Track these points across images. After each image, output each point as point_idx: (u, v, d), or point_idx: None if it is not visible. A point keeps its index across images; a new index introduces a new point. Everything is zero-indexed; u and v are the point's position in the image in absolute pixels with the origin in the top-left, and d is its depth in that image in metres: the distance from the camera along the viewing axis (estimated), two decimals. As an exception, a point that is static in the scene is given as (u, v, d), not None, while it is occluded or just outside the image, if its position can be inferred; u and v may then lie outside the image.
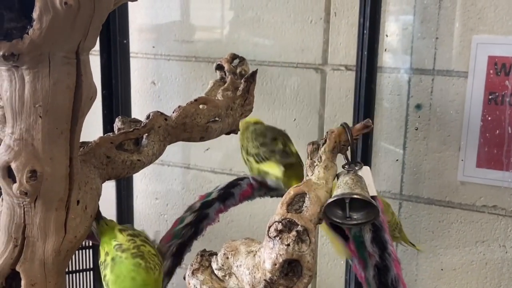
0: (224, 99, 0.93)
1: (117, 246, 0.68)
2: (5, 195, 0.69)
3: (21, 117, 0.65)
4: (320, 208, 0.59)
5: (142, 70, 1.38)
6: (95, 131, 1.09)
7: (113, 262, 0.67)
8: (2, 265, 0.69)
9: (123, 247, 0.67)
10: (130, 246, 0.66)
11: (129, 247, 0.66)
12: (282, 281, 0.56)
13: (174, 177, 1.41)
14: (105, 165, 0.78)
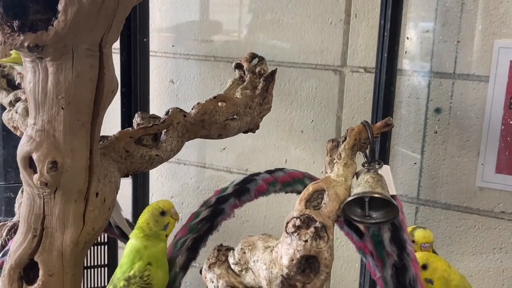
0: (242, 98, 0.93)
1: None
2: (26, 185, 0.69)
3: (44, 108, 0.65)
4: (339, 205, 0.59)
5: (161, 69, 1.38)
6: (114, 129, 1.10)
7: None
8: (20, 255, 0.70)
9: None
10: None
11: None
12: (299, 277, 0.56)
13: (190, 176, 1.42)
14: (124, 159, 0.78)
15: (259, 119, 0.97)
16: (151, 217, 0.71)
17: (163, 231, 0.71)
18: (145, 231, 0.70)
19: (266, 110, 0.97)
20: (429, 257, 0.75)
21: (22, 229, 0.71)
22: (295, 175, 0.78)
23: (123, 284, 0.69)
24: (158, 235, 0.71)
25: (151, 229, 0.70)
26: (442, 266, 0.74)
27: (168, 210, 0.72)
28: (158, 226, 0.71)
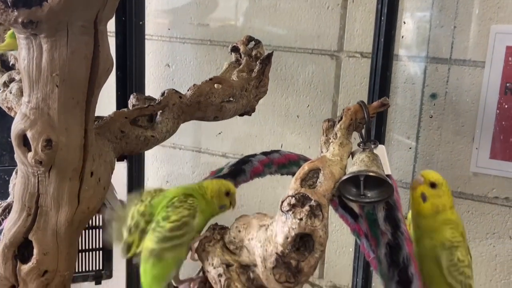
0: (239, 80, 0.93)
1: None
2: (20, 164, 0.69)
3: (38, 86, 0.65)
4: (334, 184, 0.59)
5: (157, 53, 1.38)
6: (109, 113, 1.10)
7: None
8: (15, 233, 0.70)
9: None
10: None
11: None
12: (294, 255, 0.56)
13: (185, 160, 1.42)
14: (119, 139, 0.78)
15: (255, 102, 0.97)
16: (217, 191, 0.69)
17: (218, 208, 0.70)
18: (206, 194, 0.69)
19: (262, 93, 0.97)
20: (443, 183, 0.70)
21: (16, 208, 0.70)
22: (291, 157, 0.78)
23: (166, 212, 0.66)
24: (212, 207, 0.69)
25: (212, 198, 0.69)
26: (446, 201, 0.69)
27: (233, 194, 0.71)
28: (217, 201, 0.69)
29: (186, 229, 0.65)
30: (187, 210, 0.65)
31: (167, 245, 0.64)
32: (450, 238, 0.68)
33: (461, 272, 0.68)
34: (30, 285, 0.70)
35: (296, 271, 0.56)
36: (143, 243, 0.67)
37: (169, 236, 0.64)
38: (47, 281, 0.71)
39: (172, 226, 0.64)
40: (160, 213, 0.67)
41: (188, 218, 0.65)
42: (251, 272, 0.58)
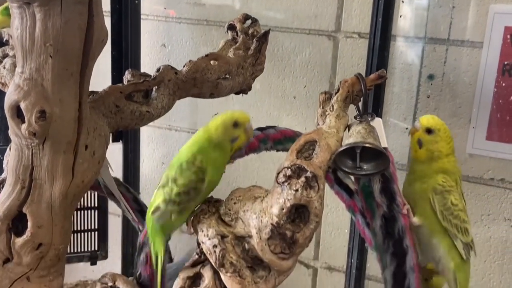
0: (235, 57, 0.92)
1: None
2: (14, 136, 0.68)
3: (31, 56, 0.64)
4: (330, 156, 0.59)
5: (153, 33, 1.36)
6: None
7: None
8: (9, 206, 0.70)
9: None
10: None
11: None
12: (289, 226, 0.56)
13: (181, 142, 1.41)
14: (114, 114, 0.77)
15: (252, 80, 0.96)
16: (221, 125, 0.65)
17: (230, 143, 0.66)
18: (212, 135, 0.65)
19: (259, 71, 0.96)
20: (441, 129, 0.68)
21: (10, 181, 0.70)
22: (286, 133, 0.78)
23: (175, 172, 0.66)
24: (223, 146, 0.65)
25: (218, 137, 0.65)
26: (443, 147, 0.68)
27: (242, 123, 0.65)
28: (226, 136, 0.65)
29: (193, 194, 0.64)
30: (194, 175, 0.64)
31: (173, 208, 0.64)
32: (441, 183, 0.67)
33: (455, 216, 0.67)
34: (25, 258, 0.70)
35: (291, 242, 0.56)
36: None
37: (175, 201, 0.64)
38: (41, 254, 0.70)
39: (179, 191, 0.64)
40: (171, 172, 0.66)
41: (195, 183, 0.63)
42: (246, 243, 0.58)
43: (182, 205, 0.64)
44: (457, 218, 0.68)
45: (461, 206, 0.69)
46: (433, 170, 0.67)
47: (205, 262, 0.61)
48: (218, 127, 0.65)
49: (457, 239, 0.69)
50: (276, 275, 0.58)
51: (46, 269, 0.72)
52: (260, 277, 0.57)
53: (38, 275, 0.71)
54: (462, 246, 0.69)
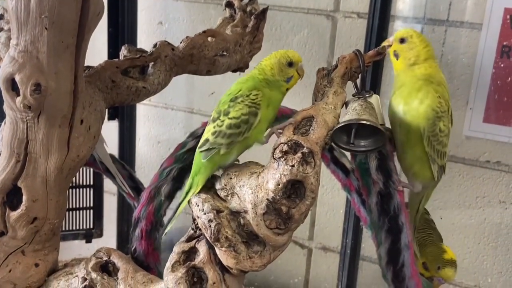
0: (233, 34, 0.92)
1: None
2: (8, 109, 0.68)
3: (26, 28, 0.63)
4: (327, 132, 0.59)
5: (150, 10, 1.35)
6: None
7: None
8: (3, 180, 0.69)
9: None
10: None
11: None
12: (285, 201, 0.56)
13: (177, 121, 1.41)
14: (110, 89, 0.77)
15: (249, 58, 0.96)
16: (277, 64, 0.65)
17: (285, 83, 0.65)
18: (267, 75, 0.65)
19: (257, 49, 0.96)
20: (413, 35, 0.68)
21: (5, 154, 0.69)
22: (283, 111, 0.78)
23: (228, 106, 0.64)
24: (279, 86, 0.65)
25: (273, 76, 0.64)
26: (419, 52, 0.67)
27: (296, 62, 0.66)
28: (281, 76, 0.65)
29: (243, 128, 0.62)
30: (247, 108, 0.62)
31: (222, 141, 0.62)
32: (436, 108, 0.65)
33: (439, 142, 0.67)
34: (19, 232, 0.70)
35: (287, 218, 0.56)
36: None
37: (225, 133, 0.62)
38: (36, 228, 0.70)
39: (230, 123, 0.62)
40: (223, 105, 0.64)
41: (247, 116, 0.61)
42: (242, 218, 0.58)
43: (232, 138, 0.61)
44: (440, 144, 0.67)
45: (447, 131, 0.68)
46: (416, 77, 0.66)
47: (200, 237, 0.61)
48: (274, 67, 0.64)
49: (434, 163, 0.68)
50: (271, 250, 0.58)
51: (41, 243, 0.72)
52: (255, 252, 0.58)
53: (33, 249, 0.71)
54: (437, 169, 0.69)
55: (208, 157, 0.62)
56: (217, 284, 0.58)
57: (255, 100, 0.62)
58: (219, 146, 0.62)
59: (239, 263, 0.57)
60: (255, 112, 0.62)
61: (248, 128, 0.62)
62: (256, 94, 0.63)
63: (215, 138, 0.62)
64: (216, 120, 0.63)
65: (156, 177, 0.74)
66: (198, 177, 0.63)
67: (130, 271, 0.66)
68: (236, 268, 0.57)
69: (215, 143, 0.62)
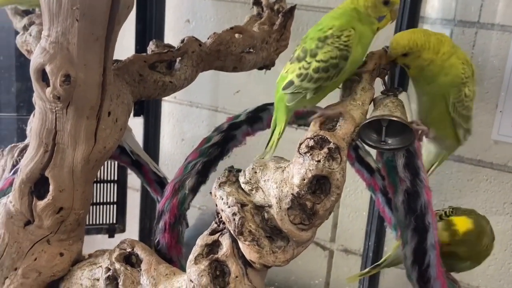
0: (260, 32, 0.92)
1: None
2: (38, 99, 0.69)
3: (58, 20, 0.64)
4: (354, 128, 0.58)
5: (177, 8, 1.36)
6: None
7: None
8: (32, 169, 0.70)
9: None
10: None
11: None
12: (309, 196, 0.55)
13: (201, 119, 1.41)
14: (137, 82, 0.77)
15: (276, 56, 0.96)
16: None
17: (377, 21, 0.61)
18: (360, 9, 0.61)
19: (283, 46, 0.95)
20: (413, 46, 0.63)
21: (33, 144, 0.70)
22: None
23: (315, 46, 0.59)
24: (370, 23, 0.61)
25: (366, 11, 0.60)
26: (427, 55, 0.63)
27: (392, 2, 0.61)
28: (374, 13, 0.61)
29: (332, 72, 0.58)
30: (337, 51, 0.58)
31: (308, 85, 0.59)
32: (460, 75, 0.63)
33: (465, 107, 0.65)
34: (46, 221, 0.71)
35: (311, 213, 0.56)
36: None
37: (312, 77, 0.58)
38: (62, 218, 0.71)
39: (318, 66, 0.58)
40: (310, 42, 0.60)
41: (337, 60, 0.58)
42: (266, 212, 0.58)
43: (319, 83, 0.58)
44: (466, 108, 0.65)
45: (472, 95, 0.66)
46: (441, 68, 0.63)
47: (224, 231, 0.61)
48: (368, 1, 0.61)
49: (460, 128, 0.67)
50: (294, 246, 0.57)
51: (66, 233, 0.73)
52: (279, 247, 0.57)
53: (58, 239, 0.72)
54: (463, 133, 0.68)
55: (293, 102, 0.60)
56: (240, 277, 0.57)
57: (346, 42, 0.58)
58: (305, 90, 0.59)
59: (262, 258, 0.56)
60: (345, 55, 0.58)
61: (337, 73, 0.58)
62: (348, 35, 0.58)
63: (300, 82, 0.59)
64: (302, 60, 0.60)
65: (181, 170, 0.74)
66: (281, 116, 0.61)
67: (153, 263, 0.66)
68: (259, 263, 0.57)
69: (301, 87, 0.59)
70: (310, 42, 0.60)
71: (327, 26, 0.60)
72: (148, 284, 0.63)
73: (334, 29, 0.59)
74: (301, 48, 0.61)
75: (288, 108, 0.62)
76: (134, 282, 0.64)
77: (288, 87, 0.61)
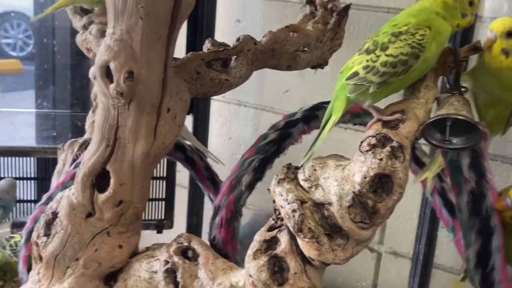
0: (314, 30, 0.91)
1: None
2: (101, 96, 0.71)
3: (123, 18, 0.66)
4: (418, 127, 0.57)
5: (228, 7, 1.37)
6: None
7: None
8: (93, 163, 0.72)
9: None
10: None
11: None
12: (371, 195, 0.55)
13: (249, 118, 1.42)
14: (195, 80, 0.78)
15: (329, 55, 0.95)
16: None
17: (458, 18, 0.60)
18: (447, 4, 0.59)
19: (337, 45, 0.95)
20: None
21: (96, 139, 0.73)
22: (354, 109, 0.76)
23: (388, 40, 0.58)
24: (454, 17, 0.60)
25: (454, 3, 0.59)
26: None
27: (475, 6, 0.60)
28: (460, 7, 0.60)
29: (401, 68, 0.57)
30: (409, 48, 0.57)
31: (373, 78, 0.58)
32: None
33: None
34: (106, 214, 0.73)
35: (372, 212, 0.55)
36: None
37: (378, 70, 0.57)
38: (122, 211, 0.73)
39: (386, 60, 0.57)
40: (383, 36, 0.59)
41: (407, 57, 0.56)
42: (325, 210, 0.58)
43: (385, 78, 0.57)
44: None
45: None
46: None
47: (282, 227, 0.61)
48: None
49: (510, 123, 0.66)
50: (354, 244, 0.57)
51: (125, 226, 0.74)
52: (338, 245, 0.57)
53: (117, 231, 0.74)
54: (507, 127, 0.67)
55: (355, 93, 0.59)
56: (299, 274, 0.58)
57: (420, 41, 0.57)
58: (369, 83, 0.58)
59: (321, 255, 0.56)
60: (417, 54, 0.57)
61: (405, 71, 0.57)
62: (423, 34, 0.57)
63: (366, 74, 0.58)
64: (371, 53, 0.59)
65: (237, 167, 0.75)
66: (339, 105, 0.61)
67: (210, 257, 0.67)
68: (318, 260, 0.57)
69: (365, 79, 0.58)
70: (383, 36, 0.59)
71: (403, 22, 0.59)
72: (206, 278, 0.64)
73: (410, 26, 0.58)
74: (372, 41, 0.60)
75: (348, 99, 0.61)
76: (192, 276, 0.66)
77: (352, 77, 0.60)
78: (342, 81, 0.62)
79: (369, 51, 0.60)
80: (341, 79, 0.62)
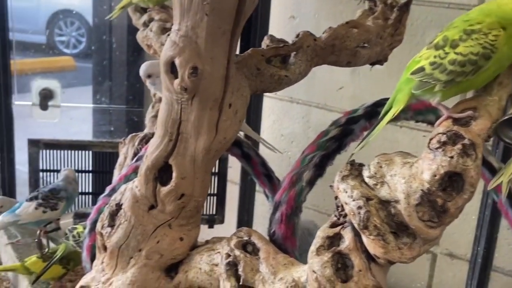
0: (375, 26, 0.90)
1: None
2: (165, 90, 0.72)
3: (189, 14, 0.67)
4: (491, 124, 0.55)
5: (283, 4, 1.37)
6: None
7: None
8: (157, 156, 0.74)
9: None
10: None
11: None
12: (440, 193, 0.54)
13: (301, 115, 1.42)
14: (255, 76, 0.79)
15: (389, 51, 0.94)
16: None
17: None
18: None
19: (398, 41, 0.93)
20: None
21: (159, 133, 0.74)
22: (428, 104, 0.75)
23: (459, 37, 0.56)
24: None
25: None
26: None
27: None
28: None
29: (469, 68, 0.55)
30: (480, 47, 0.55)
31: (439, 76, 0.56)
32: None
33: None
34: (168, 206, 0.74)
35: (441, 211, 0.54)
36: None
37: (446, 68, 0.56)
38: (183, 204, 0.74)
39: (454, 58, 0.55)
40: (453, 32, 0.57)
41: (477, 57, 0.54)
42: (392, 208, 0.57)
43: (452, 76, 0.55)
44: None
45: None
46: None
47: (345, 224, 0.61)
48: None
49: None
50: (421, 243, 0.56)
51: (185, 218, 0.76)
52: (404, 244, 0.56)
53: (178, 224, 0.76)
54: None
55: (420, 90, 0.58)
56: (363, 272, 0.57)
57: (493, 42, 0.55)
58: (435, 81, 0.57)
59: (387, 253, 0.56)
60: (488, 55, 0.55)
61: (474, 71, 0.55)
62: (496, 35, 0.55)
63: (432, 70, 0.56)
64: (440, 49, 0.57)
65: (298, 163, 0.75)
66: (402, 98, 0.59)
67: (271, 252, 0.67)
68: (383, 258, 0.56)
69: (431, 77, 0.57)
70: (454, 31, 0.58)
71: (476, 20, 0.57)
72: (268, 272, 0.65)
73: (483, 25, 0.56)
74: (442, 36, 0.59)
75: (412, 94, 0.60)
76: (254, 270, 0.66)
77: (417, 72, 0.59)
78: (407, 75, 0.61)
79: (438, 47, 0.58)
80: (406, 72, 0.61)
